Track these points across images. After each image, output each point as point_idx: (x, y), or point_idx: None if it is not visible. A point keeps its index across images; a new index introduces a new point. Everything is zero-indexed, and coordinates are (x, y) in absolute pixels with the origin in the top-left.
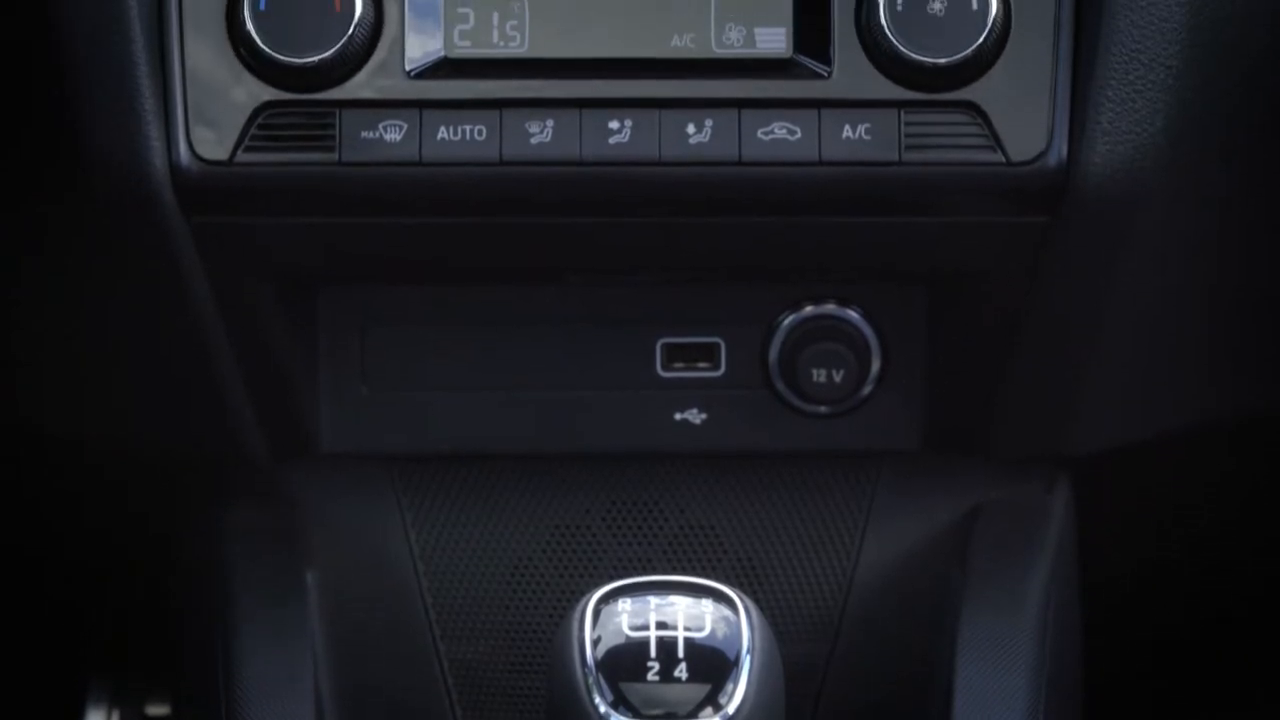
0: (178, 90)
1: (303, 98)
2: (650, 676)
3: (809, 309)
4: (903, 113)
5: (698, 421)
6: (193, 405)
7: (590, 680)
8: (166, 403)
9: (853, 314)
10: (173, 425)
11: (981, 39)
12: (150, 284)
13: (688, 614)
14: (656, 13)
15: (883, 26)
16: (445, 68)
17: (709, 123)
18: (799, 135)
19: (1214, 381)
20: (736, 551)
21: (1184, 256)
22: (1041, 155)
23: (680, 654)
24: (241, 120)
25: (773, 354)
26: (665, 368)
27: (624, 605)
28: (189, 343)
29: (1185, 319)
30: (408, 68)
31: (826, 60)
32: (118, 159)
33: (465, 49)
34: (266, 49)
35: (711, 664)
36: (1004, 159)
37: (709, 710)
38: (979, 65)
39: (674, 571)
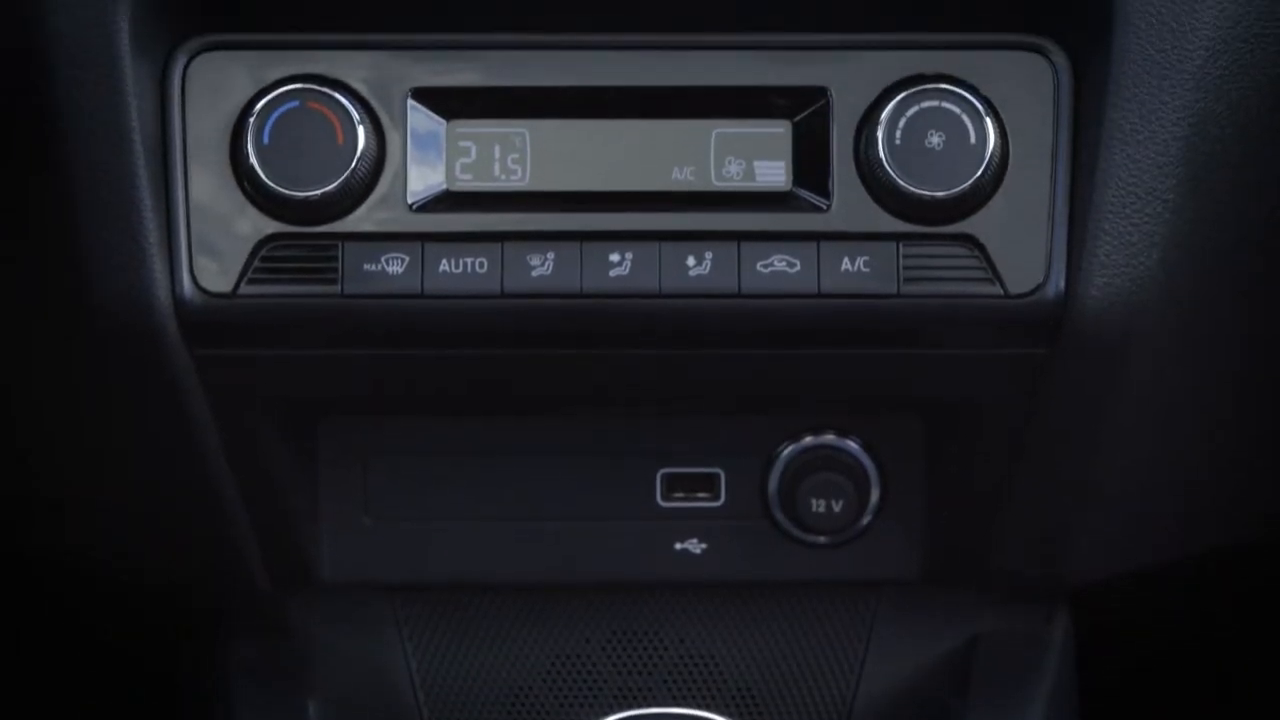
0: (181, 223)
1: (305, 230)
2: None
3: (808, 439)
4: (901, 245)
5: (697, 551)
6: (194, 533)
7: None
8: (168, 530)
9: (852, 444)
10: (174, 553)
11: (979, 172)
12: (153, 413)
13: None
14: (657, 146)
15: (881, 160)
16: (447, 201)
17: (709, 255)
18: (798, 267)
19: (1211, 513)
20: (736, 681)
21: (1182, 388)
22: (1039, 288)
23: None
24: (245, 253)
25: (772, 484)
26: (665, 498)
27: None
28: (191, 471)
29: (1184, 450)
30: (410, 201)
31: (826, 193)
32: (122, 291)
33: (467, 182)
34: (270, 183)
35: None
36: (1002, 291)
37: None
38: (977, 199)
39: (673, 702)
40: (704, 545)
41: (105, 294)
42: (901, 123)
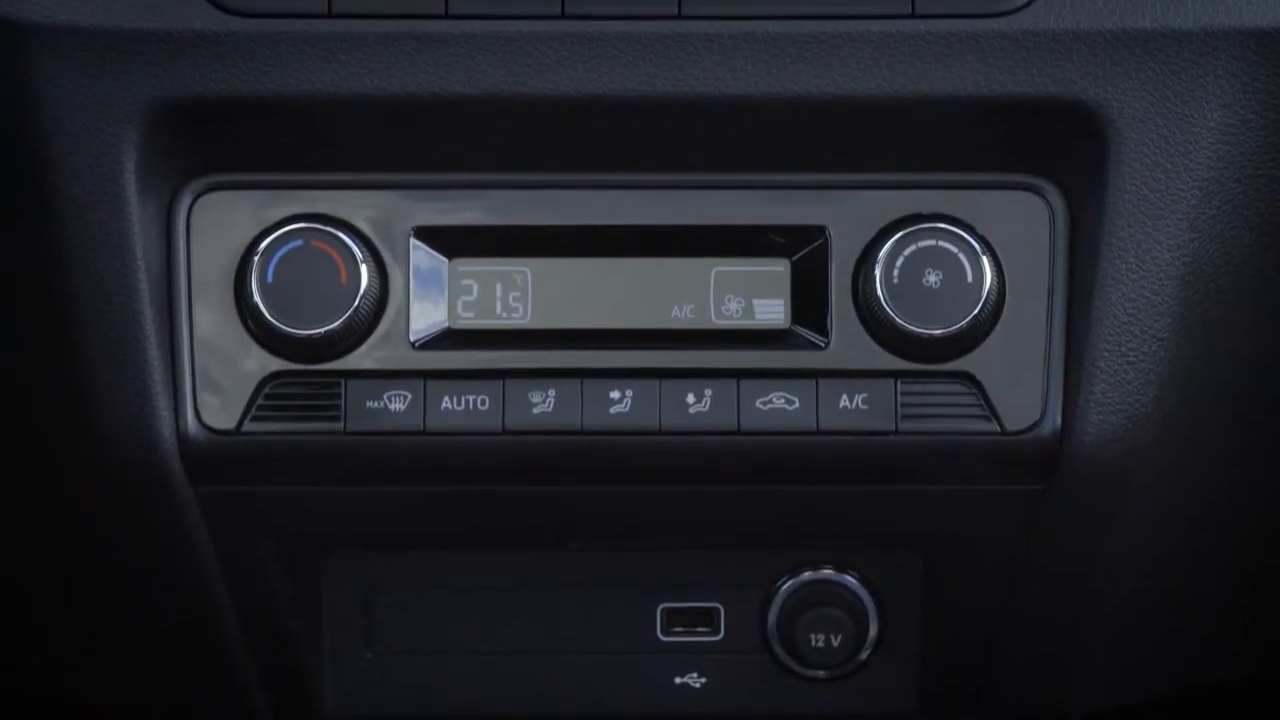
0: (186, 360)
1: (309, 368)
2: None
3: (807, 574)
4: (899, 383)
5: (697, 686)
6: (195, 665)
7: None
8: (169, 662)
9: (850, 579)
10: (175, 685)
11: (976, 311)
12: (154, 547)
13: None
14: (657, 284)
15: (879, 298)
16: (449, 338)
17: (708, 392)
18: (797, 405)
19: (1211, 645)
20: None
21: (1179, 522)
22: (1036, 425)
23: None
24: (249, 390)
25: (771, 619)
26: (665, 632)
27: None
28: (193, 604)
29: (1182, 583)
30: (412, 339)
31: (824, 331)
32: (125, 427)
33: (469, 320)
34: (273, 321)
35: None
36: (999, 428)
37: None
38: (974, 337)
39: None
40: (703, 679)
41: (109, 429)
42: (899, 261)
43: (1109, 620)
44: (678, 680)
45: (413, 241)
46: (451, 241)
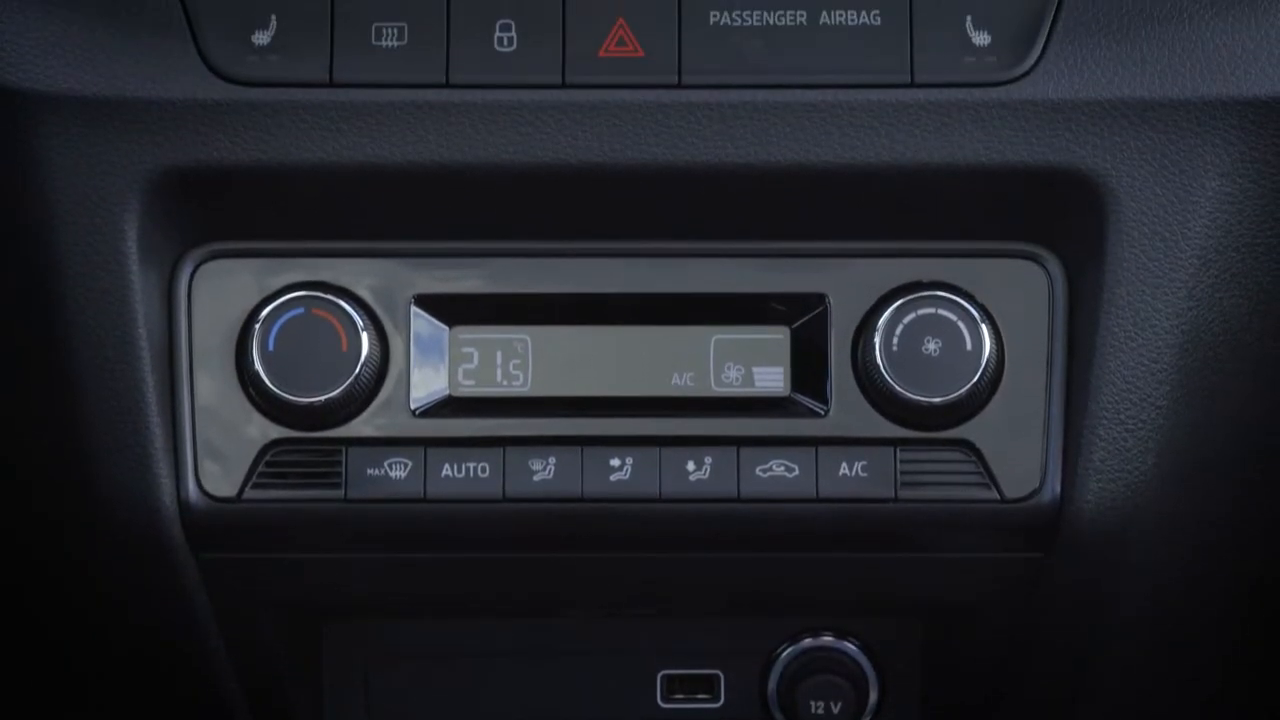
0: (187, 427)
1: (310, 436)
2: None
3: (807, 641)
4: (899, 451)
5: None
6: None
7: None
8: None
9: (850, 646)
10: None
11: (975, 379)
12: (154, 614)
13: None
14: (657, 352)
15: (879, 366)
16: (449, 406)
17: (708, 460)
18: (797, 472)
19: (1215, 698)
20: None
21: (1178, 584)
22: (1035, 493)
23: None
24: (249, 458)
25: (771, 685)
26: (665, 699)
27: None
28: (192, 672)
29: (1182, 648)
30: (413, 406)
31: (824, 399)
32: (127, 494)
33: (469, 388)
34: (274, 389)
35: None
36: (998, 496)
37: None
38: (973, 404)
39: None
40: None
41: (110, 496)
42: (899, 329)
43: (1110, 682)
44: None
45: (413, 309)
46: (452, 309)
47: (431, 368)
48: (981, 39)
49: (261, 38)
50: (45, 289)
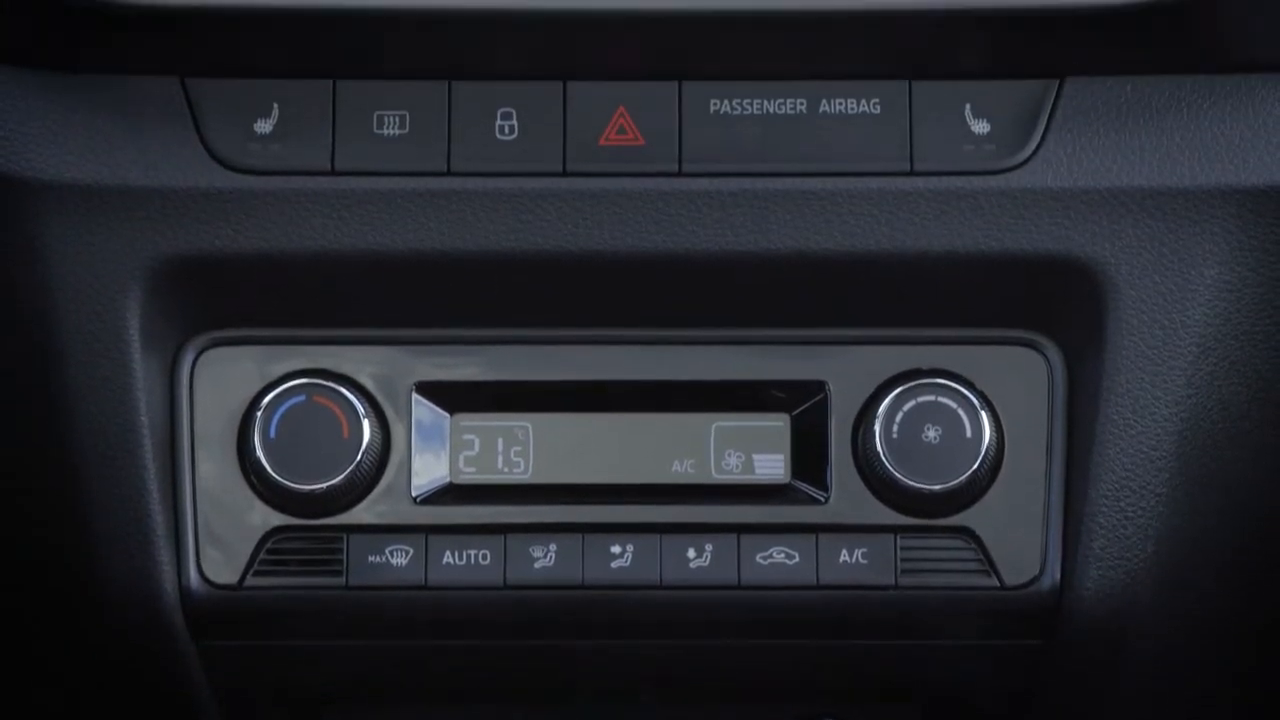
0: (188, 515)
1: (311, 524)
2: None
3: None
4: (899, 538)
5: None
6: None
7: None
8: None
9: None
10: None
11: (975, 466)
12: (155, 701)
13: None
14: (658, 440)
15: (879, 454)
16: (450, 493)
17: (709, 547)
18: (797, 559)
19: None
20: None
21: (1179, 674)
22: (1035, 580)
23: None
24: (251, 546)
25: None
26: None
27: None
28: None
29: None
30: (414, 494)
31: (824, 486)
32: (128, 581)
33: (470, 475)
34: (276, 476)
35: None
36: (998, 583)
37: None
38: (973, 492)
39: None
40: None
41: (111, 583)
42: (899, 417)
43: None
44: None
45: (415, 397)
46: (453, 397)
47: (433, 455)
48: (981, 127)
49: (264, 126)
50: (47, 376)
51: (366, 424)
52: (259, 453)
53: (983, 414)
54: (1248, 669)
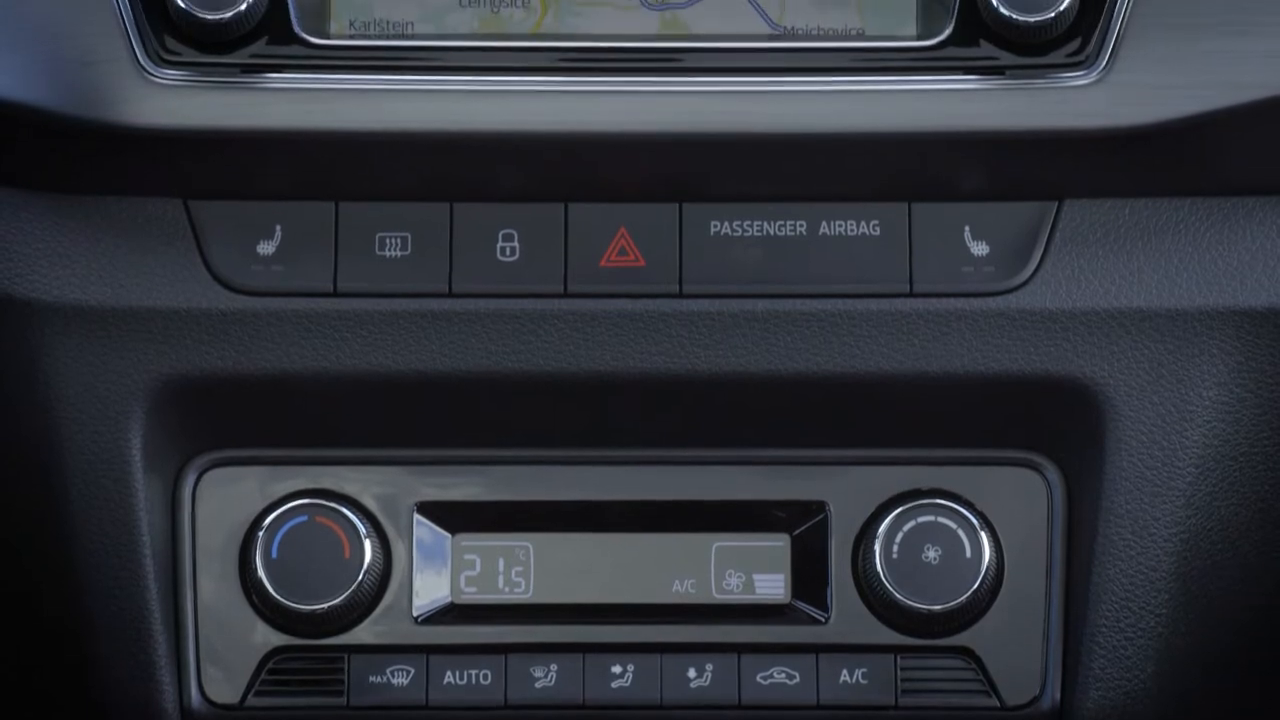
0: (190, 634)
1: (312, 643)
2: None
3: None
4: (899, 658)
5: None
6: None
7: None
8: None
9: None
10: None
11: (975, 586)
12: None
13: None
14: (658, 559)
15: (879, 574)
16: (452, 613)
17: (709, 667)
18: (797, 679)
19: None
20: None
21: None
22: (1035, 700)
23: None
24: (252, 665)
25: None
26: None
27: None
28: None
29: None
30: (415, 613)
31: (824, 606)
32: (129, 701)
33: (471, 595)
34: (278, 597)
35: None
36: (998, 703)
37: None
38: (973, 612)
39: None
40: None
41: (113, 703)
42: (899, 537)
43: None
44: None
45: (416, 517)
46: (454, 517)
47: (434, 574)
48: (980, 249)
49: (266, 248)
50: (48, 496)
51: (368, 544)
52: (260, 573)
53: (982, 534)
54: None
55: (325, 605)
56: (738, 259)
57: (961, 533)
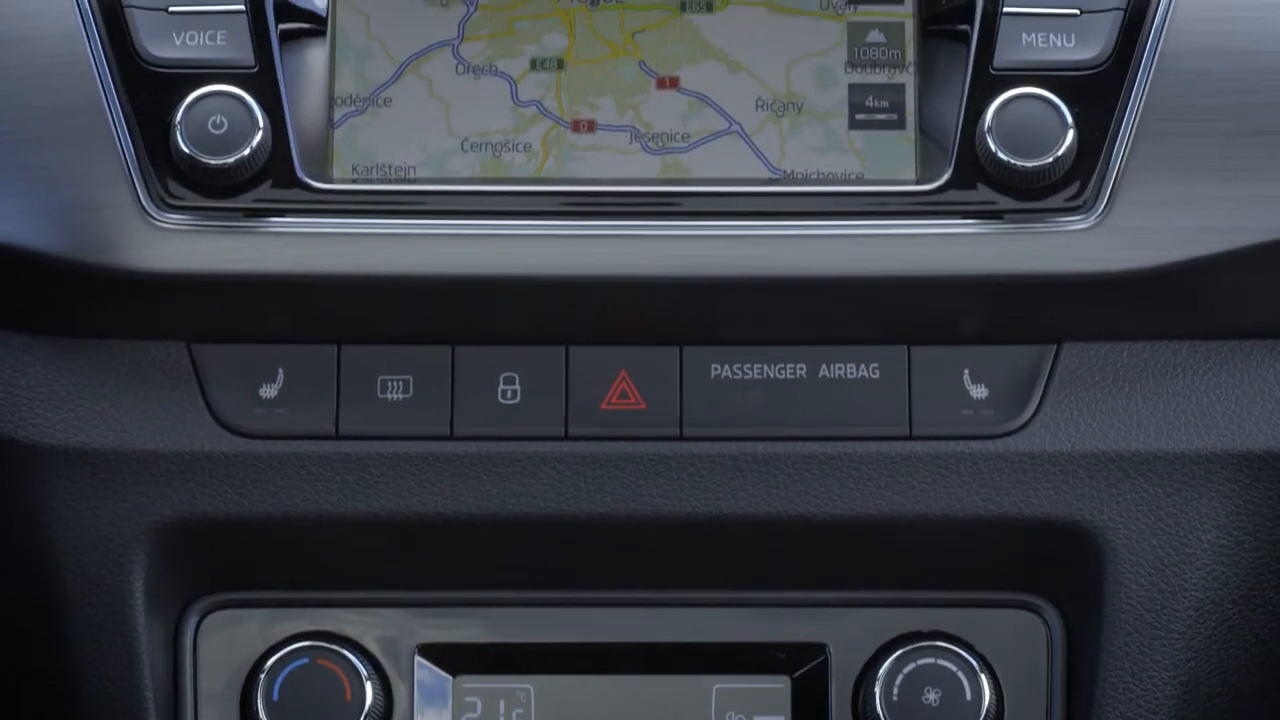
0: None
1: None
2: None
3: None
4: None
5: None
6: None
7: None
8: None
9: None
10: None
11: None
12: None
13: None
14: (659, 701)
15: (879, 715)
16: None
17: None
18: None
19: None
20: None
21: None
22: None
23: None
24: None
25: None
26: None
27: None
28: None
29: None
30: None
31: None
32: None
33: None
34: None
35: None
36: None
37: None
38: None
39: None
40: None
41: None
42: (899, 679)
43: None
44: None
45: (417, 659)
46: (455, 659)
47: (435, 716)
48: (979, 392)
49: (269, 391)
50: (50, 638)
51: (369, 686)
52: (262, 715)
53: (982, 676)
54: None
55: None
56: (738, 401)
57: (962, 675)
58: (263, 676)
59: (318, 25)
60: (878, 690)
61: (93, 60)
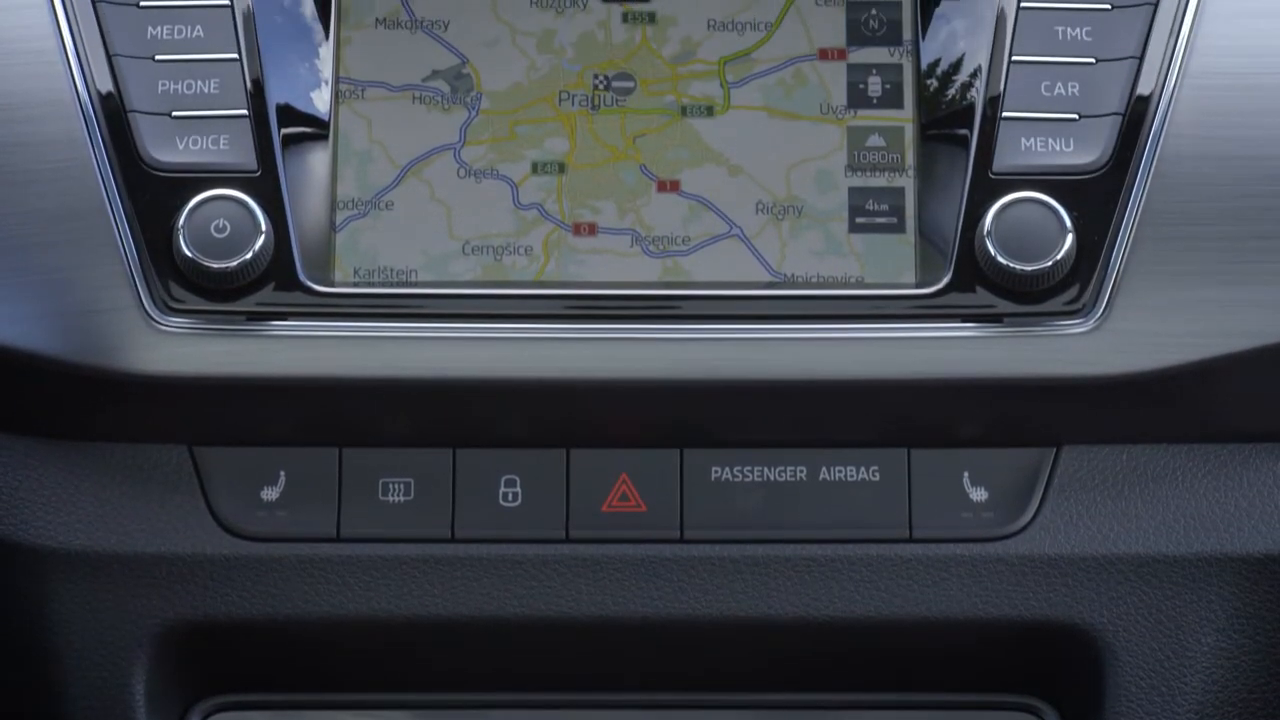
0: None
1: None
2: None
3: None
4: None
5: None
6: None
7: None
8: None
9: None
10: None
11: None
12: None
13: None
14: None
15: None
16: None
17: None
18: None
19: None
20: None
21: None
22: None
23: None
24: None
25: None
26: None
27: None
28: None
29: None
30: None
31: None
32: None
33: None
34: None
35: None
36: None
37: None
38: None
39: None
40: None
41: None
42: None
43: None
44: None
45: None
46: None
47: None
48: (979, 495)
49: (270, 493)
50: None
51: None
52: None
53: None
54: None
55: None
56: (738, 504)
57: None
58: None
59: (320, 129)
60: None
61: (96, 164)
